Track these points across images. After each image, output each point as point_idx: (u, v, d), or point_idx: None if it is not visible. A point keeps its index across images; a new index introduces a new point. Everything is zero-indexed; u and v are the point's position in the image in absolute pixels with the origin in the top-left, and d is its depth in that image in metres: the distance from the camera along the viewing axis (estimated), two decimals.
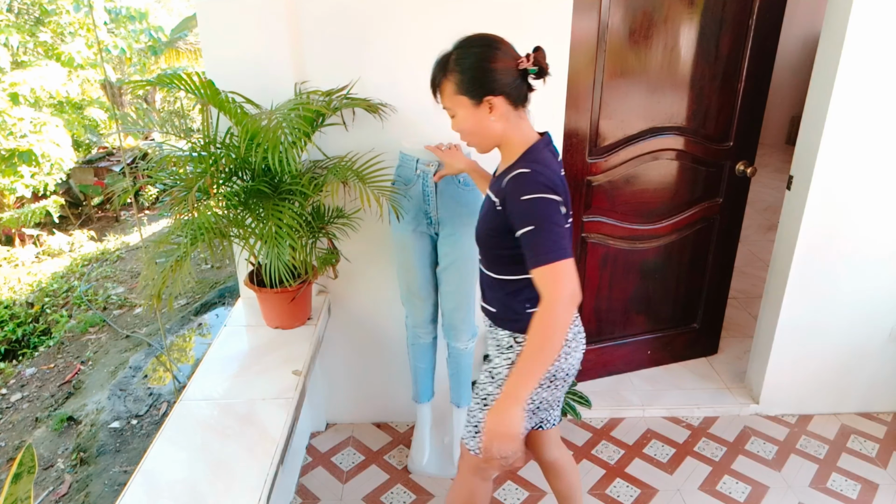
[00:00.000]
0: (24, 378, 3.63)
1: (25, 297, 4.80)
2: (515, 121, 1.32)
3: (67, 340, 4.03)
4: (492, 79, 1.26)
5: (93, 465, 2.70)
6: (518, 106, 1.31)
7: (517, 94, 1.29)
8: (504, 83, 1.27)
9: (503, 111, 1.29)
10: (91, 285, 4.89)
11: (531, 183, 1.22)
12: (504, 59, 1.26)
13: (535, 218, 1.19)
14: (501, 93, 1.27)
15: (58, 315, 4.40)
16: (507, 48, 1.28)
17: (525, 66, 1.26)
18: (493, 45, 1.27)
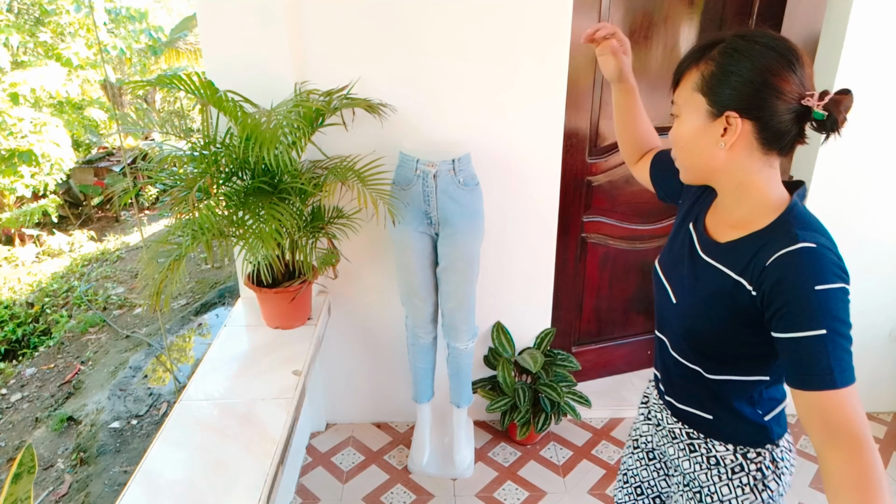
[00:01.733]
0: (24, 378, 3.63)
1: (25, 297, 4.80)
2: (759, 167, 0.93)
3: (67, 340, 4.03)
4: (756, 94, 0.87)
5: (93, 465, 2.70)
6: (770, 151, 0.91)
7: (777, 134, 0.89)
8: (769, 109, 0.87)
9: (742, 146, 0.91)
10: (91, 285, 4.89)
11: (825, 266, 0.86)
12: (790, 81, 0.87)
13: (829, 319, 0.83)
14: (756, 119, 0.89)
15: (58, 315, 4.40)
16: (803, 70, 0.88)
17: (810, 104, 0.86)
18: (786, 55, 0.87)
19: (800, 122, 0.89)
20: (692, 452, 1.11)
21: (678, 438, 1.14)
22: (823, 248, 0.88)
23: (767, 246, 0.90)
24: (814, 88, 0.88)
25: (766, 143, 0.90)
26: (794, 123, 0.89)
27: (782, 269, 0.87)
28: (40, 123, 5.90)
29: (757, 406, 1.05)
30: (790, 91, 0.87)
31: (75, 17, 6.82)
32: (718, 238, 1.01)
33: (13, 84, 5.74)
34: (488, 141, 2.04)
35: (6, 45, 5.97)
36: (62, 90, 6.22)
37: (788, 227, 0.91)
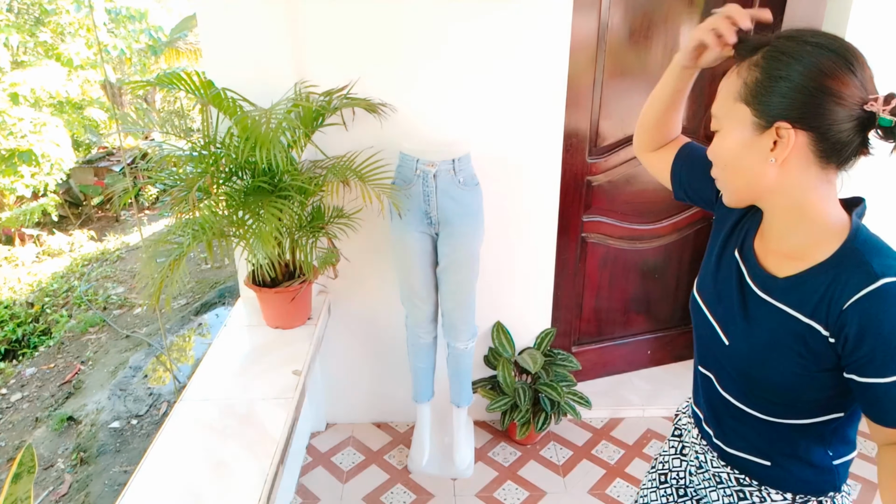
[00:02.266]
0: (24, 378, 3.63)
1: (25, 297, 4.80)
2: (816, 184, 0.81)
3: (67, 340, 4.03)
4: (811, 101, 0.77)
5: (93, 465, 2.70)
6: (828, 164, 0.80)
7: (837, 145, 0.78)
8: (827, 117, 0.77)
9: (796, 161, 0.80)
10: (91, 285, 4.89)
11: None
12: (850, 84, 0.77)
13: None
14: (812, 129, 0.78)
15: (58, 315, 4.40)
16: (863, 71, 0.79)
17: (874, 108, 0.77)
18: (843, 55, 0.78)
19: (863, 130, 0.79)
20: (741, 500, 1.00)
21: (724, 484, 1.02)
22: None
23: (839, 282, 0.79)
24: (876, 92, 0.79)
25: (825, 155, 0.79)
26: (856, 132, 0.79)
27: (867, 314, 0.77)
28: (40, 123, 5.90)
29: (828, 447, 0.94)
30: (851, 95, 0.76)
31: (75, 17, 6.82)
32: (773, 271, 0.88)
33: (13, 84, 5.74)
34: (488, 141, 2.04)
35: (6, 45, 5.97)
36: (62, 90, 6.22)
37: (860, 258, 0.79)
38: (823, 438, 0.91)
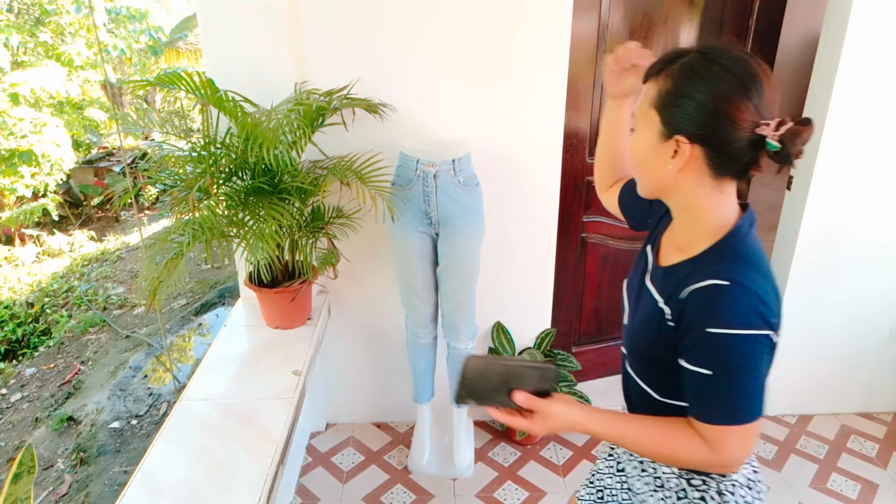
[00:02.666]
0: (24, 378, 3.63)
1: (25, 297, 4.80)
2: (707, 192, 0.89)
3: (67, 340, 4.03)
4: (708, 122, 0.84)
5: (93, 465, 2.70)
6: (721, 176, 0.87)
7: (729, 161, 0.86)
8: (716, 136, 0.84)
9: (692, 170, 0.88)
10: (91, 285, 4.89)
11: (732, 309, 0.83)
12: (745, 110, 0.82)
13: (722, 364, 0.84)
14: (706, 145, 0.85)
15: (58, 315, 4.40)
16: (761, 97, 0.83)
17: (765, 133, 0.82)
18: (744, 80, 0.83)
19: (754, 149, 0.84)
20: (643, 472, 1.10)
21: (633, 456, 1.13)
22: (741, 286, 0.83)
23: (692, 275, 0.88)
24: (775, 114, 0.84)
25: (718, 168, 0.87)
26: (748, 150, 0.84)
27: (692, 306, 0.86)
28: (40, 123, 5.90)
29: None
30: (744, 120, 0.82)
31: (75, 17, 6.82)
32: (662, 261, 1.00)
33: (13, 84, 5.74)
34: (488, 141, 2.04)
35: (6, 45, 5.97)
36: (62, 90, 6.22)
37: (714, 258, 0.88)
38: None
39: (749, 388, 0.85)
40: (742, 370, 0.84)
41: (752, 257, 0.88)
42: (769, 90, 0.84)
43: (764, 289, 0.84)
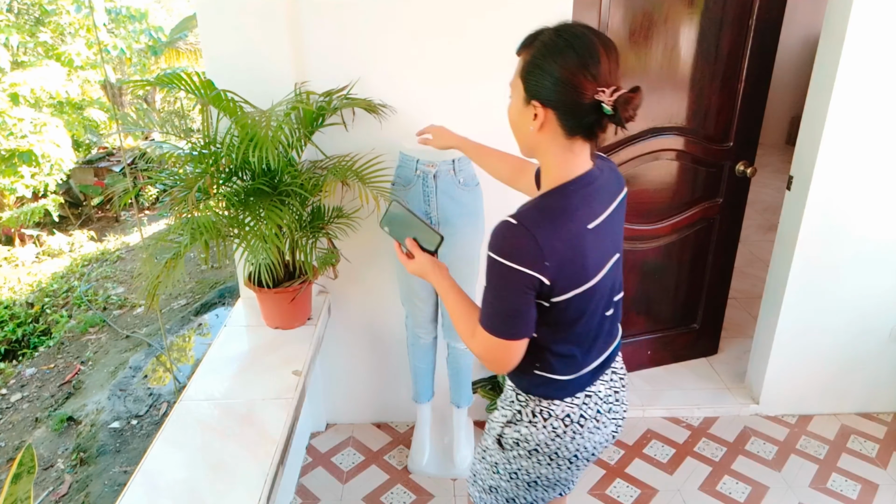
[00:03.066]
0: (24, 378, 3.63)
1: (25, 297, 4.80)
2: (560, 150, 1.05)
3: (67, 340, 4.03)
4: (550, 87, 0.99)
5: (93, 465, 2.70)
6: (573, 136, 1.02)
7: (576, 123, 1.01)
8: (563, 101, 0.99)
9: (549, 130, 1.03)
10: (91, 285, 4.89)
11: (504, 240, 1.01)
12: (581, 75, 0.97)
13: (488, 281, 1.05)
14: (556, 109, 1.01)
15: (58, 315, 4.40)
16: (598, 67, 0.97)
17: (602, 99, 0.96)
18: (583, 54, 0.97)
19: (596, 113, 0.98)
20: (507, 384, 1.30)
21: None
22: (521, 227, 1.00)
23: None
24: (616, 82, 0.98)
25: (568, 129, 1.02)
26: (590, 113, 0.98)
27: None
28: (40, 124, 5.90)
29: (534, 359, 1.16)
30: (584, 87, 0.97)
31: (75, 17, 6.82)
32: None
33: (13, 84, 5.74)
34: (488, 140, 2.04)
35: (6, 45, 5.97)
36: (62, 90, 6.22)
37: (538, 199, 1.07)
38: (531, 351, 1.13)
39: (498, 308, 1.06)
40: (497, 291, 1.05)
41: (554, 211, 1.03)
42: (607, 62, 0.98)
43: (547, 238, 1.00)
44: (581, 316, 1.11)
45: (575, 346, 1.15)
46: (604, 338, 1.19)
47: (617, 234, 1.15)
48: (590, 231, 1.05)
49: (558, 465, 1.21)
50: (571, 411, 1.18)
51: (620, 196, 1.15)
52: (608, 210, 1.10)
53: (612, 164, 1.18)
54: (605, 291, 1.13)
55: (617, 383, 1.25)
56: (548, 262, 1.00)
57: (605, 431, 1.22)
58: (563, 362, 1.15)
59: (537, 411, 1.18)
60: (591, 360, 1.18)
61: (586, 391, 1.19)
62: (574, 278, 1.05)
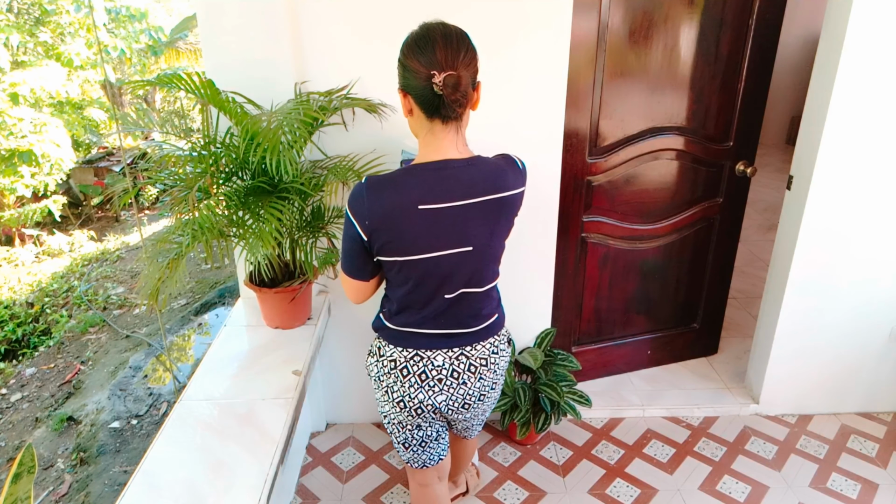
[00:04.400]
0: (24, 378, 3.63)
1: (25, 297, 4.80)
2: (425, 132, 1.22)
3: (67, 340, 4.03)
4: (401, 73, 1.18)
5: (93, 465, 2.70)
6: (433, 118, 1.19)
7: (427, 104, 1.17)
8: (411, 85, 1.17)
9: (416, 115, 1.21)
10: (91, 285, 4.89)
11: (351, 192, 1.24)
12: (417, 62, 1.14)
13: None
14: (410, 93, 1.18)
15: (58, 315, 4.40)
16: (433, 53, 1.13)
17: (434, 81, 1.12)
18: (417, 41, 1.16)
19: (436, 95, 1.12)
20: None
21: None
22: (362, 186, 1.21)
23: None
24: (451, 69, 1.11)
25: (426, 111, 1.17)
26: (433, 96, 1.13)
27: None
28: (40, 123, 5.90)
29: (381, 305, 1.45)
30: (419, 71, 1.12)
31: (75, 17, 6.82)
32: None
33: (13, 84, 5.74)
34: (488, 140, 2.04)
35: (6, 45, 5.96)
36: (62, 90, 6.21)
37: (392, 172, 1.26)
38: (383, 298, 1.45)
39: (342, 247, 1.31)
40: (343, 232, 1.28)
41: (391, 182, 1.20)
42: (443, 50, 1.12)
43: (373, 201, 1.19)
44: (406, 282, 1.29)
45: (407, 307, 1.34)
46: (448, 318, 1.34)
47: (469, 229, 1.23)
48: (420, 211, 1.19)
49: (394, 406, 1.42)
50: (398, 358, 1.38)
51: (490, 196, 1.23)
52: (458, 202, 1.20)
53: (503, 166, 1.28)
54: (442, 275, 1.27)
55: (462, 366, 1.39)
56: (367, 221, 1.20)
57: (430, 395, 1.38)
58: (397, 316, 1.37)
59: (376, 348, 1.44)
60: (426, 327, 1.34)
61: (418, 351, 1.36)
62: (393, 245, 1.22)
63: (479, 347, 1.41)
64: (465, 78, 1.12)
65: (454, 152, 1.22)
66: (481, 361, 1.42)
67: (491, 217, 1.25)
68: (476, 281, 1.33)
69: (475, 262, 1.29)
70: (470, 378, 1.40)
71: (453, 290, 1.30)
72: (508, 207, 1.28)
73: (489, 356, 1.43)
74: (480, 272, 1.32)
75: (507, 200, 1.26)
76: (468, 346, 1.40)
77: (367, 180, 1.21)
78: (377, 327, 1.44)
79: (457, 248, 1.24)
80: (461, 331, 1.37)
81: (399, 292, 1.33)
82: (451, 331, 1.36)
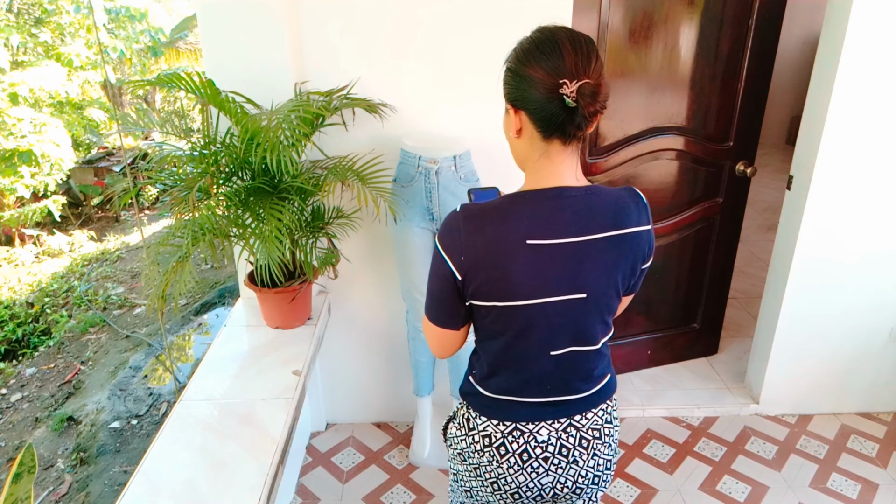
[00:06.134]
0: (24, 378, 3.63)
1: (25, 297, 4.80)
2: (538, 155, 0.99)
3: (67, 340, 4.03)
4: (516, 86, 0.95)
5: (93, 465, 2.70)
6: (550, 138, 0.96)
7: (547, 121, 0.94)
8: (529, 98, 0.94)
9: (527, 134, 0.98)
10: (91, 285, 4.89)
11: (443, 224, 1.02)
12: (540, 68, 0.91)
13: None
14: (525, 108, 0.95)
15: (58, 315, 4.40)
16: (561, 59, 0.90)
17: (564, 91, 0.89)
18: (540, 45, 0.93)
19: (564, 109, 0.91)
20: None
21: None
22: (457, 217, 0.99)
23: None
24: (584, 76, 0.89)
25: (543, 130, 0.95)
26: (559, 110, 0.91)
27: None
28: (40, 123, 5.90)
29: (472, 365, 1.19)
30: (542, 79, 0.91)
31: (75, 17, 6.82)
32: None
33: (13, 84, 5.74)
34: (488, 138, 2.04)
35: (6, 45, 5.96)
36: (62, 90, 6.21)
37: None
38: (473, 356, 1.18)
39: (430, 289, 1.08)
40: (431, 271, 1.06)
41: (494, 210, 0.99)
42: (572, 55, 0.90)
43: (471, 233, 0.98)
44: (502, 334, 1.05)
45: (504, 367, 1.09)
46: (554, 382, 1.09)
47: (585, 271, 1.00)
48: (528, 246, 0.97)
49: (482, 484, 1.16)
50: (493, 434, 1.11)
51: (611, 233, 1.00)
52: (574, 238, 0.98)
53: (626, 198, 1.03)
54: (549, 327, 1.03)
55: (573, 440, 1.12)
56: (463, 257, 0.98)
57: (533, 477, 1.11)
58: (491, 379, 1.11)
59: (465, 419, 1.17)
60: (528, 394, 1.09)
61: (517, 424, 1.10)
62: (492, 287, 0.99)
63: (590, 416, 1.14)
64: (605, 86, 0.91)
65: (572, 179, 1.00)
66: (594, 433, 1.14)
67: (611, 258, 1.02)
68: (588, 336, 1.08)
69: (588, 313, 1.05)
70: (582, 455, 1.13)
71: (561, 346, 1.06)
72: (631, 248, 1.04)
73: (602, 426, 1.15)
74: (594, 325, 1.08)
75: (629, 239, 1.02)
76: (577, 415, 1.13)
77: (462, 209, 0.99)
78: (465, 392, 1.17)
79: (569, 295, 1.01)
80: (570, 397, 1.11)
81: (494, 346, 1.08)
82: (558, 398, 1.10)
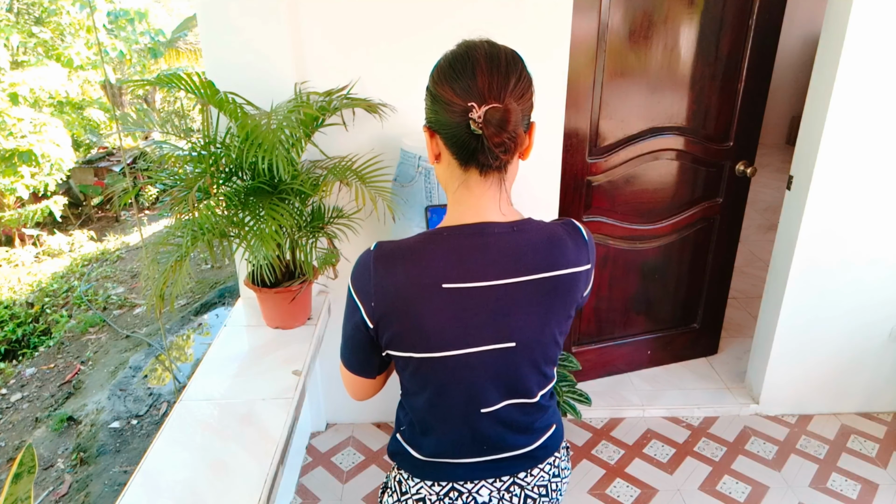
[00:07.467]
0: (24, 378, 3.63)
1: (25, 297, 4.80)
2: (457, 184, 0.88)
3: (67, 340, 4.03)
4: (429, 106, 0.86)
5: (93, 465, 2.70)
6: (468, 166, 0.85)
7: (460, 148, 0.84)
8: (441, 121, 0.84)
9: (445, 160, 0.88)
10: (91, 285, 4.89)
11: (356, 262, 0.92)
12: (451, 92, 0.81)
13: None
14: (439, 132, 0.85)
15: (58, 315, 4.40)
16: (474, 80, 0.80)
17: (472, 117, 0.79)
18: (454, 64, 0.83)
19: (474, 135, 0.80)
20: None
21: None
22: (370, 256, 0.90)
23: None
24: (497, 101, 0.79)
25: (459, 157, 0.84)
26: (470, 137, 0.81)
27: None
28: (40, 124, 5.90)
29: (399, 421, 1.07)
30: (452, 102, 0.81)
31: (75, 17, 6.82)
32: None
33: (13, 84, 5.74)
34: None
35: (6, 45, 5.96)
36: (62, 90, 6.21)
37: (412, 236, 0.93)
38: (399, 411, 1.07)
39: (343, 330, 0.98)
40: (345, 312, 0.96)
41: (408, 250, 0.88)
42: (483, 74, 0.80)
43: (382, 276, 0.87)
44: (423, 389, 0.94)
45: (432, 428, 0.98)
46: (491, 441, 0.97)
47: (513, 318, 0.89)
48: (444, 290, 0.85)
49: None
50: (428, 496, 1.01)
51: (542, 275, 0.89)
52: (497, 280, 0.87)
53: (561, 234, 0.93)
54: (475, 380, 0.92)
55: (517, 501, 1.02)
56: (373, 302, 0.88)
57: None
58: (422, 439, 1.00)
59: (395, 482, 1.05)
60: (462, 455, 0.98)
61: (455, 485, 0.99)
62: (406, 337, 0.89)
63: (535, 473, 1.03)
64: (514, 113, 0.79)
65: (496, 213, 0.89)
66: (540, 490, 1.04)
67: (542, 302, 0.91)
68: (523, 389, 0.96)
69: (520, 365, 0.93)
70: None
71: (493, 401, 0.95)
72: (566, 290, 0.93)
73: (549, 481, 1.05)
74: (527, 377, 0.95)
75: (564, 281, 0.92)
76: (522, 472, 1.02)
77: (376, 247, 0.89)
78: (394, 452, 1.05)
79: (494, 344, 0.90)
80: (511, 454, 1.00)
81: (418, 403, 0.97)
82: (498, 455, 0.99)
